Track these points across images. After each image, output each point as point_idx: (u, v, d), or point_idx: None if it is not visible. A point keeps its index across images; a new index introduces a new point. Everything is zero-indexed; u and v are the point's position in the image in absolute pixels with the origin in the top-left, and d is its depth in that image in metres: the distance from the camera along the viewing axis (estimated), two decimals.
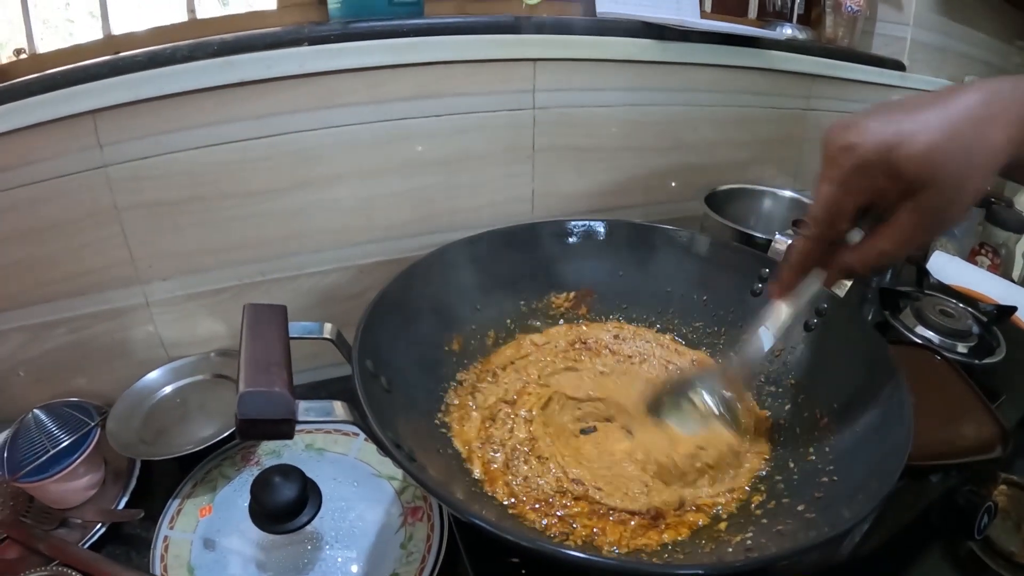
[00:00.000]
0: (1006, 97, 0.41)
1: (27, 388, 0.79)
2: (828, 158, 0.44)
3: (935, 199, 0.41)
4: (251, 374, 0.42)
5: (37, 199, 0.71)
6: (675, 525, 0.54)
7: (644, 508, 0.56)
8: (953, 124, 0.40)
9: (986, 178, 0.41)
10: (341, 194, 0.83)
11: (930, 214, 0.42)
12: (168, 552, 0.62)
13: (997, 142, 0.40)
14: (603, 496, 0.57)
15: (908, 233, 0.44)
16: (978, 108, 0.40)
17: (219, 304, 0.83)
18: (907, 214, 0.43)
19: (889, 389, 0.56)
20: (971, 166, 0.40)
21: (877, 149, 0.41)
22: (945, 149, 0.40)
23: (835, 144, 0.43)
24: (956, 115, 0.40)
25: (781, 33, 1.13)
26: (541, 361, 0.73)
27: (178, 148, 0.73)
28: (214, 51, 0.70)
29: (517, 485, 0.58)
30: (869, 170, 0.42)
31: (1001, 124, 0.40)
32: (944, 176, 0.40)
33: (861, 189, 0.44)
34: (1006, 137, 0.40)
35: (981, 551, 0.64)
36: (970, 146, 0.40)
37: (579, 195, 0.98)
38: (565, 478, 0.59)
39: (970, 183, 0.41)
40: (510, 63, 0.84)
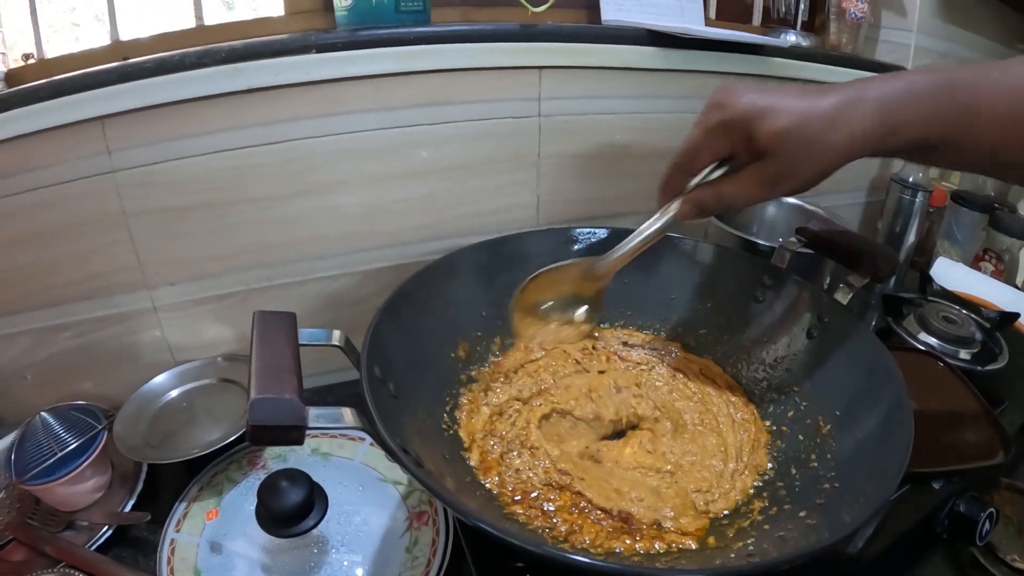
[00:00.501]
0: (865, 101, 0.47)
1: (34, 391, 0.79)
2: (706, 107, 0.53)
3: (774, 168, 0.50)
4: (262, 381, 0.42)
5: (46, 203, 0.71)
6: (648, 537, 0.55)
7: (615, 509, 0.57)
8: (807, 116, 0.48)
9: (823, 167, 0.49)
10: (347, 200, 0.83)
11: (768, 178, 0.51)
12: (175, 555, 0.62)
13: (836, 140, 0.48)
14: (584, 487, 0.58)
15: (747, 187, 0.52)
16: (833, 109, 0.48)
17: (226, 309, 0.83)
18: (751, 171, 0.51)
19: (890, 396, 0.56)
20: (809, 153, 0.48)
21: (743, 114, 0.50)
22: (793, 133, 0.48)
23: (714, 100, 0.52)
24: (813, 109, 0.48)
25: (785, 40, 1.13)
26: (552, 365, 0.74)
27: (186, 154, 0.74)
28: (222, 58, 0.71)
29: (508, 476, 0.59)
30: (730, 129, 0.51)
31: (845, 126, 0.47)
32: (785, 153, 0.49)
33: (721, 140, 0.52)
34: (846, 137, 0.47)
35: (983, 557, 0.64)
36: (813, 137, 0.48)
37: (584, 202, 0.98)
38: (553, 468, 0.60)
39: (806, 165, 0.49)
40: (516, 71, 0.84)
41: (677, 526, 0.55)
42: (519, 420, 0.66)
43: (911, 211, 1.05)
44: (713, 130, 0.52)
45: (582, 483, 0.59)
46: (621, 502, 0.57)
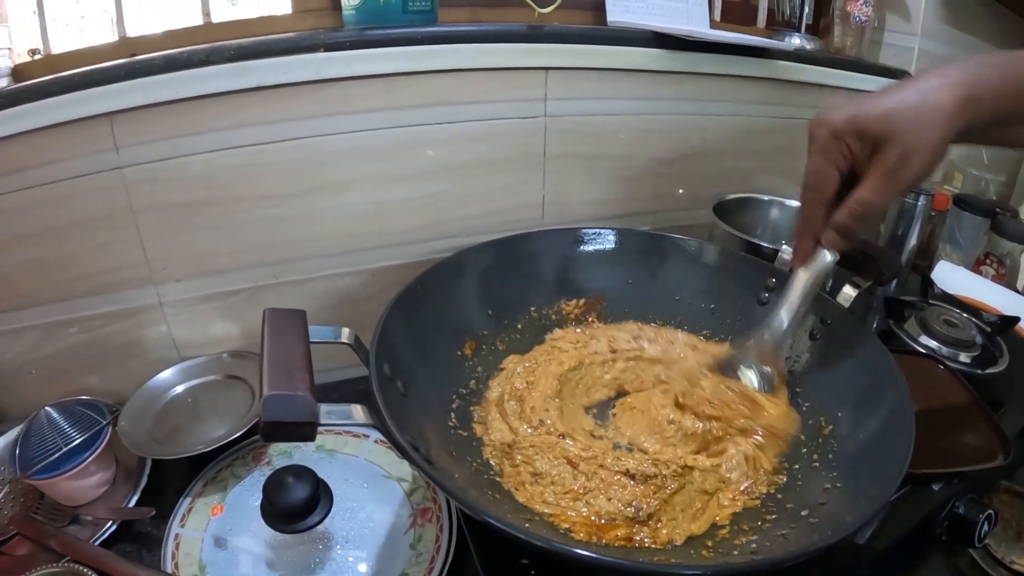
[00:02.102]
0: (952, 71, 0.50)
1: (39, 386, 0.80)
2: (811, 136, 0.54)
3: (895, 151, 0.50)
4: (274, 378, 0.42)
5: (53, 199, 0.71)
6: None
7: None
8: (904, 94, 0.50)
9: (940, 130, 0.49)
10: (354, 199, 0.83)
11: (894, 163, 0.50)
12: (179, 550, 0.63)
13: (943, 100, 0.48)
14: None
15: (878, 183, 0.52)
16: (925, 81, 0.50)
17: (232, 306, 0.84)
18: (876, 167, 0.51)
19: (892, 398, 0.57)
20: (922, 122, 0.49)
21: (845, 119, 0.51)
22: (898, 110, 0.49)
23: (815, 123, 0.54)
24: (907, 88, 0.50)
25: (789, 43, 1.14)
26: (554, 362, 0.74)
27: (194, 151, 0.74)
28: (231, 56, 0.71)
29: (516, 470, 0.59)
30: (841, 135, 0.52)
31: (946, 87, 0.49)
32: (899, 131, 0.49)
33: (838, 153, 0.53)
34: (952, 98, 0.48)
35: (982, 559, 0.65)
36: (918, 105, 0.49)
37: (589, 203, 0.99)
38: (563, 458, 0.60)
39: (923, 134, 0.49)
40: (522, 71, 0.85)
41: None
42: (526, 415, 0.66)
43: (913, 214, 1.06)
44: (825, 146, 0.53)
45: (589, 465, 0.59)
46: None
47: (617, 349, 0.75)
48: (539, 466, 0.59)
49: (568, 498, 0.56)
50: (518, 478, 0.59)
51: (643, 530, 0.54)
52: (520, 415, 0.65)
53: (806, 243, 0.59)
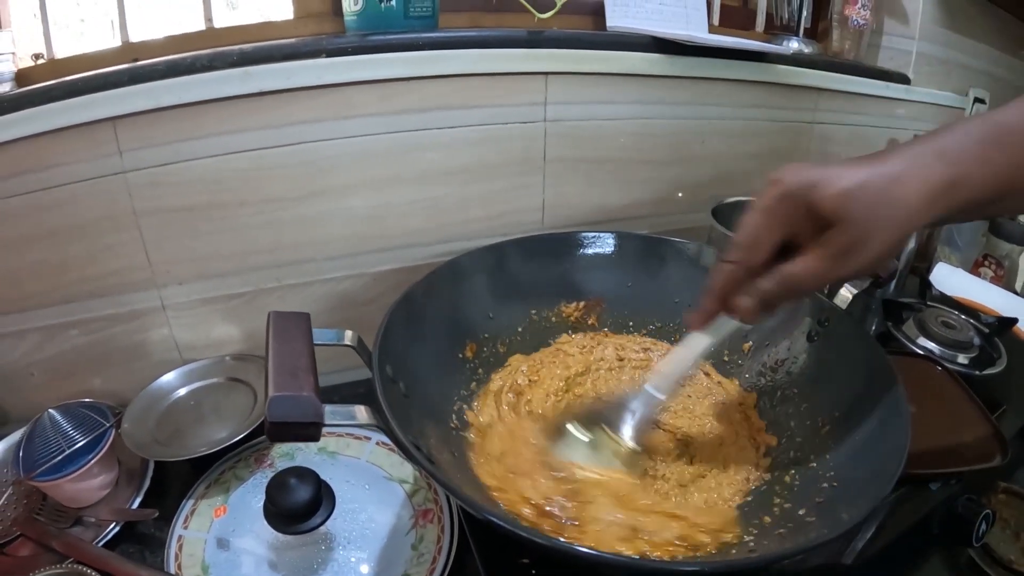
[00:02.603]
0: (926, 156, 0.45)
1: (42, 388, 0.80)
2: (760, 191, 0.48)
3: (842, 237, 0.44)
4: (280, 379, 0.43)
5: (57, 203, 0.72)
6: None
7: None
8: (870, 177, 0.44)
9: (898, 227, 0.45)
10: (355, 203, 0.84)
11: (839, 249, 0.45)
12: (182, 551, 0.63)
13: (911, 196, 0.44)
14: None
15: (817, 263, 0.46)
16: (897, 165, 0.44)
17: (234, 309, 0.84)
18: (819, 247, 0.46)
19: (888, 398, 0.57)
20: (880, 212, 0.44)
21: (799, 185, 0.45)
22: (856, 196, 0.44)
23: (769, 178, 0.47)
24: (875, 170, 0.44)
25: (788, 47, 1.15)
26: (558, 364, 0.75)
27: (197, 156, 0.74)
28: (233, 61, 0.71)
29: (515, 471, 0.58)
30: (789, 201, 0.46)
31: (917, 181, 0.44)
32: (852, 218, 0.44)
33: (781, 218, 0.47)
34: (922, 193, 0.44)
35: (980, 559, 0.65)
36: (881, 194, 0.44)
37: (589, 206, 0.99)
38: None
39: (879, 228, 0.44)
40: (522, 76, 0.85)
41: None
42: (520, 407, 0.67)
43: None
44: (770, 208, 0.47)
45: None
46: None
47: (624, 357, 0.76)
48: (498, 445, 0.60)
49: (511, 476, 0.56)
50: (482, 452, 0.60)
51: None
52: (514, 407, 0.66)
53: (715, 305, 0.53)
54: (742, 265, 0.50)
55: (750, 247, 0.49)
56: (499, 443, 0.61)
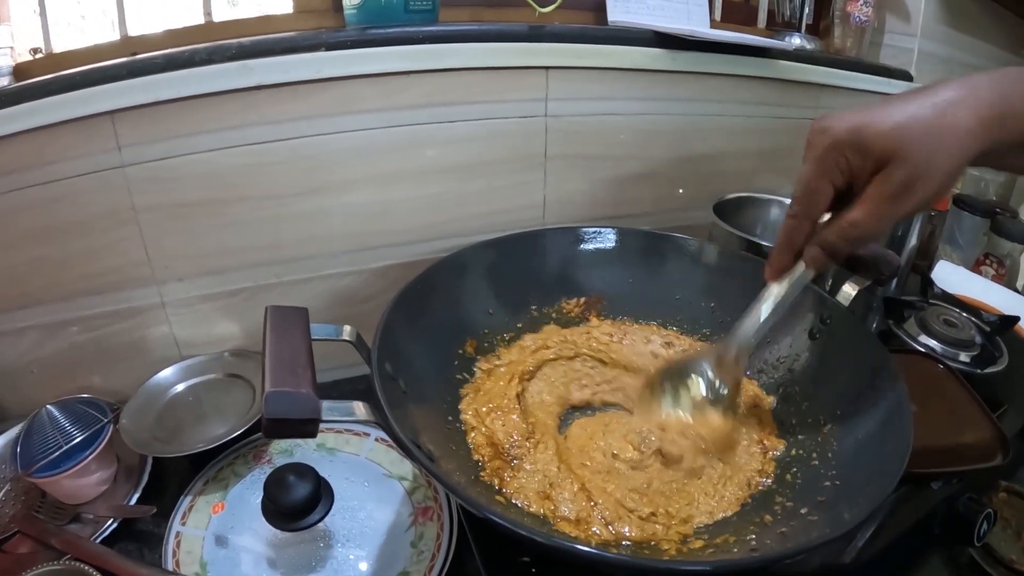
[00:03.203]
0: (978, 84, 0.44)
1: (41, 385, 0.80)
2: (808, 142, 0.49)
3: (901, 172, 0.44)
4: (277, 374, 0.43)
5: (56, 198, 0.71)
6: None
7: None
8: (919, 108, 0.44)
9: (955, 156, 0.44)
10: (356, 199, 0.83)
11: (897, 186, 0.45)
12: (180, 548, 0.63)
13: (964, 122, 0.43)
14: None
15: (877, 204, 0.46)
16: (946, 93, 0.44)
17: (234, 305, 0.84)
18: (876, 186, 0.46)
19: (890, 397, 0.57)
20: (935, 142, 0.43)
21: (848, 129, 0.45)
22: (909, 126, 0.43)
23: (814, 129, 0.48)
24: (923, 102, 0.44)
25: (790, 43, 1.14)
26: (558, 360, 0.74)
27: (196, 150, 0.74)
28: (232, 55, 0.71)
29: (515, 468, 0.59)
30: (841, 148, 0.46)
31: (970, 106, 0.43)
32: (908, 150, 0.43)
33: (836, 166, 0.47)
34: (975, 118, 0.43)
35: (981, 558, 0.65)
36: (934, 124, 0.43)
37: (590, 202, 0.99)
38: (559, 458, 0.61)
39: (936, 158, 0.43)
40: (523, 71, 0.85)
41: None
42: (525, 412, 0.66)
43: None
44: (823, 157, 0.47)
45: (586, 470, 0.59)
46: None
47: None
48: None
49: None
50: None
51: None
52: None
53: (785, 257, 0.55)
54: (803, 218, 0.51)
55: (808, 200, 0.50)
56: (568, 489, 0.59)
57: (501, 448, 0.61)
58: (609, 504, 0.55)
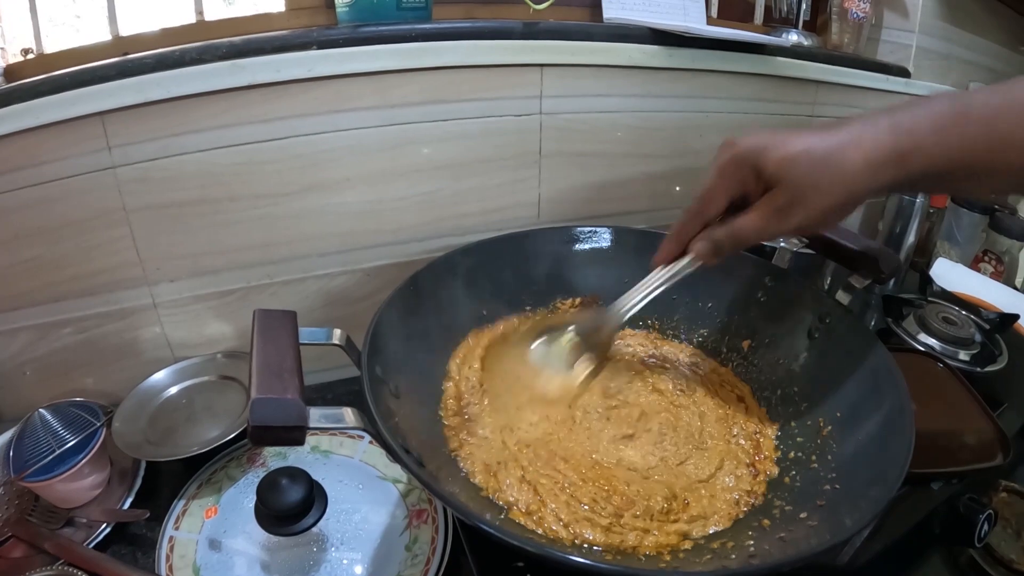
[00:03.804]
0: (879, 125, 0.47)
1: (33, 387, 0.79)
2: (717, 154, 0.54)
3: (781, 197, 0.49)
4: (263, 381, 0.42)
5: (46, 199, 0.71)
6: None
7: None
8: (814, 143, 0.48)
9: (837, 193, 0.48)
10: (348, 198, 0.83)
11: (777, 208, 0.50)
12: (173, 552, 0.62)
13: (851, 163, 0.47)
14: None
15: (759, 219, 0.51)
16: (842, 136, 0.48)
17: (226, 306, 0.83)
18: (763, 203, 0.51)
19: (891, 398, 0.56)
20: (819, 178, 0.48)
21: (749, 149, 0.50)
22: (797, 160, 0.48)
23: (724, 144, 0.53)
24: (822, 138, 0.48)
25: (787, 39, 1.13)
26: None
27: (187, 150, 0.73)
28: (223, 54, 0.70)
29: (507, 474, 0.58)
30: (739, 163, 0.51)
31: (862, 148, 0.46)
32: (793, 179, 0.48)
33: (733, 178, 0.52)
34: (862, 160, 0.46)
35: (981, 558, 0.64)
36: (822, 162, 0.47)
37: (585, 201, 0.98)
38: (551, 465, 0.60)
39: (816, 193, 0.48)
40: (517, 68, 0.84)
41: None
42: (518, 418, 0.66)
43: (911, 212, 1.06)
44: (723, 168, 0.52)
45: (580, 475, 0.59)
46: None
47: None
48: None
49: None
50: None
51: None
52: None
53: (674, 246, 0.59)
54: (697, 215, 0.56)
55: (705, 201, 0.54)
56: (517, 469, 0.60)
57: (461, 400, 0.65)
58: (559, 504, 0.55)
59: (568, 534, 0.53)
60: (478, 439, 0.62)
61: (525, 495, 0.56)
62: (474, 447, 0.61)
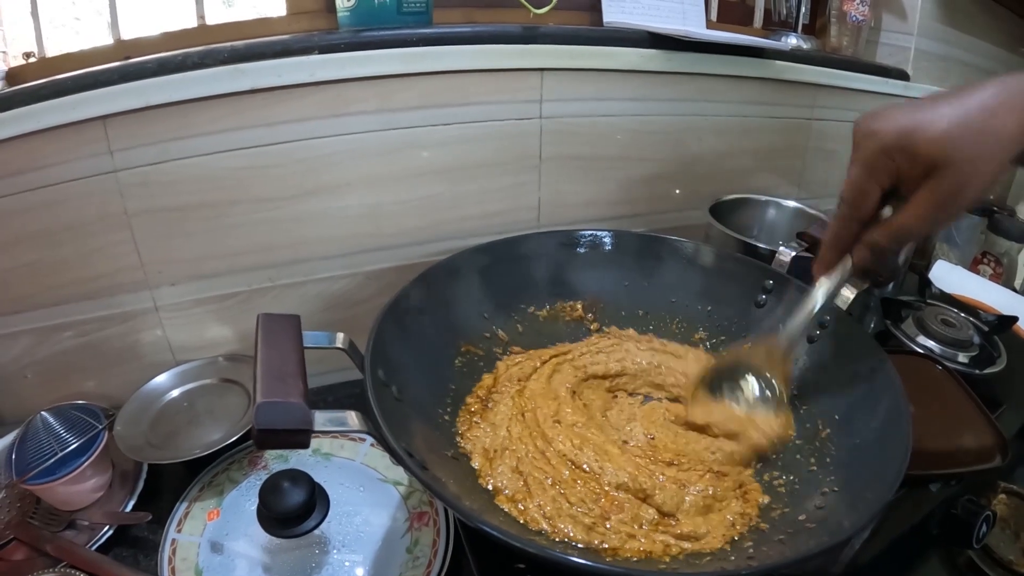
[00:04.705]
0: (1017, 88, 0.44)
1: (35, 390, 0.80)
2: (855, 144, 0.49)
3: (950, 179, 0.45)
4: (268, 384, 0.42)
5: (48, 203, 0.71)
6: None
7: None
8: (966, 112, 0.44)
9: (1001, 160, 0.44)
10: (350, 201, 0.83)
11: (946, 193, 0.46)
12: (176, 555, 0.62)
13: (1009, 127, 0.43)
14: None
15: (926, 210, 0.47)
16: (990, 98, 0.44)
17: (227, 309, 0.83)
18: (926, 193, 0.46)
19: (889, 400, 0.57)
20: (983, 149, 0.44)
21: (898, 134, 0.46)
22: (958, 134, 0.44)
23: (861, 131, 0.48)
24: (969, 105, 0.44)
25: (786, 43, 1.14)
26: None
27: (188, 154, 0.74)
28: (224, 58, 0.71)
29: (511, 475, 0.58)
30: (890, 153, 0.47)
31: (1013, 111, 0.43)
32: (957, 158, 0.44)
33: (884, 171, 0.48)
34: (1018, 123, 0.43)
35: (980, 560, 0.65)
36: (982, 131, 0.44)
37: (585, 204, 0.98)
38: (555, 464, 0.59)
39: (983, 165, 0.44)
40: (518, 72, 0.85)
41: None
42: (522, 419, 0.66)
43: None
44: (871, 161, 0.48)
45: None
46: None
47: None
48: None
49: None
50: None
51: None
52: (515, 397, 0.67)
53: (833, 254, 0.56)
54: (850, 219, 0.52)
55: (856, 201, 0.51)
56: (512, 459, 0.60)
57: (487, 388, 0.67)
58: (546, 500, 0.55)
59: (549, 527, 0.53)
60: (488, 425, 0.63)
61: (514, 483, 0.56)
62: (481, 432, 0.62)
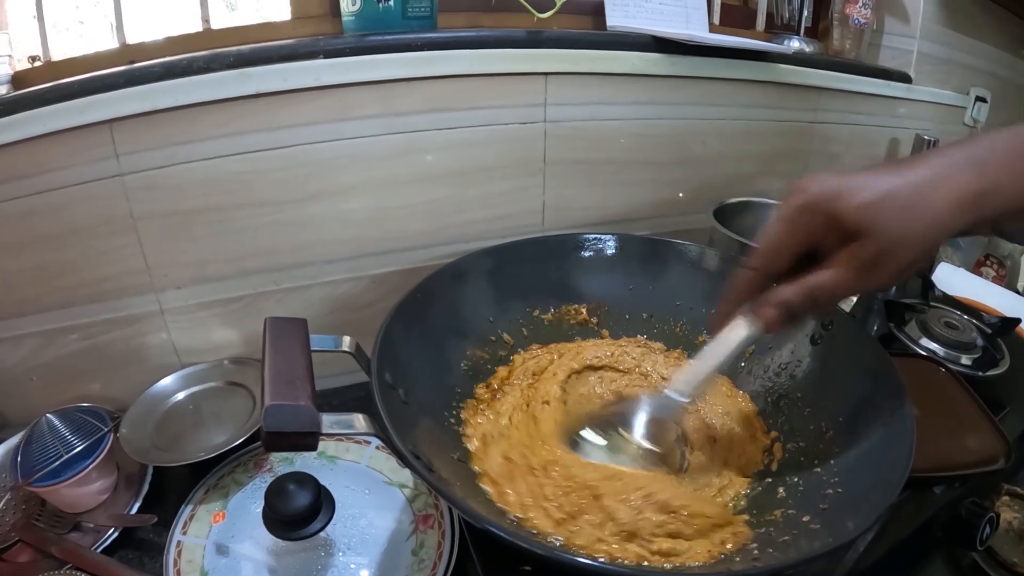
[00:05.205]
0: (956, 161, 0.43)
1: (41, 393, 0.80)
2: (783, 199, 0.48)
3: (868, 250, 0.43)
4: (276, 387, 0.42)
5: (54, 206, 0.71)
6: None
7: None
8: (896, 185, 0.43)
9: (928, 236, 0.43)
10: (354, 205, 0.83)
11: (865, 261, 0.44)
12: (181, 557, 0.62)
13: (940, 203, 0.42)
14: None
15: (843, 274, 0.45)
16: (925, 173, 0.43)
17: (232, 313, 0.84)
18: (845, 256, 0.45)
19: (893, 403, 0.57)
20: (908, 224, 0.42)
21: (822, 194, 0.44)
22: (882, 206, 0.42)
23: (792, 187, 0.47)
24: (901, 179, 0.43)
25: (789, 46, 1.14)
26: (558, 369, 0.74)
27: (194, 158, 0.74)
28: (230, 63, 0.71)
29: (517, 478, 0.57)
30: (812, 211, 0.45)
31: (947, 189, 0.42)
32: (879, 229, 0.43)
33: (803, 228, 0.46)
34: (952, 199, 0.42)
35: (983, 562, 0.65)
36: (908, 205, 0.42)
37: (589, 208, 0.99)
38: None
39: (909, 239, 0.43)
40: (522, 77, 0.85)
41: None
42: (526, 421, 0.66)
43: None
44: (791, 216, 0.46)
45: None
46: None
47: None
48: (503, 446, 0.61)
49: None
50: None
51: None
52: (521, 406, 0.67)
53: (732, 309, 0.53)
54: (762, 273, 0.50)
55: (770, 255, 0.49)
56: (504, 444, 0.61)
57: (499, 381, 0.69)
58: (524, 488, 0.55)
59: (522, 515, 0.53)
60: (495, 414, 0.64)
61: (499, 467, 0.57)
62: (484, 419, 0.64)
